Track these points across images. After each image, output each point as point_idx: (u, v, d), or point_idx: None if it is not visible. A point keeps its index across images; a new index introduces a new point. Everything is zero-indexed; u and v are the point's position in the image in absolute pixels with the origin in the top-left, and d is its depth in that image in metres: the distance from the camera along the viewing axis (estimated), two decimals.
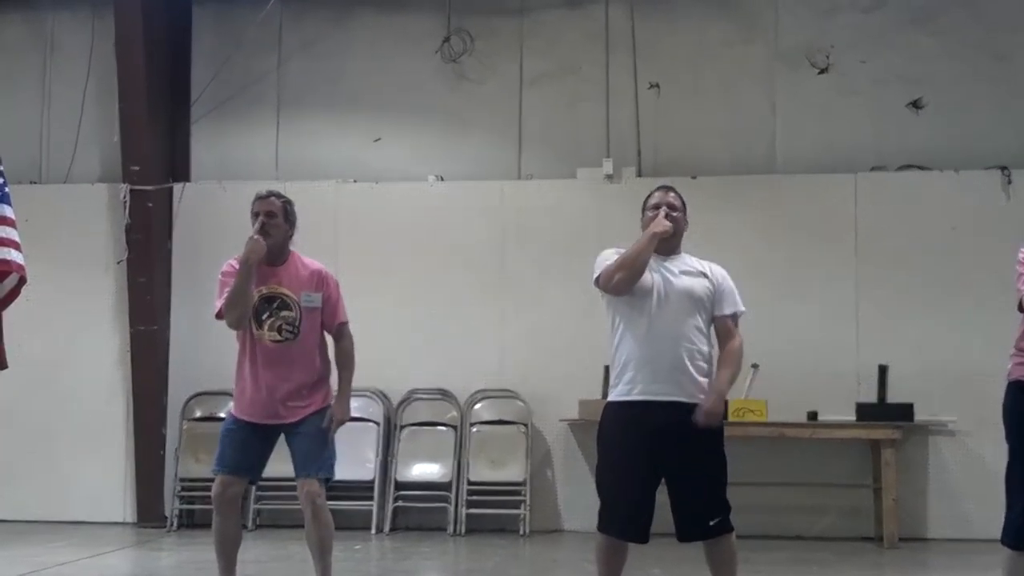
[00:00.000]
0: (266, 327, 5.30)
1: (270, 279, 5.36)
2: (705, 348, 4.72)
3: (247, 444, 5.38)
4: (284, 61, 9.68)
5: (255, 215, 5.36)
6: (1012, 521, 4.91)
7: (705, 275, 4.77)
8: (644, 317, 4.66)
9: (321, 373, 5.49)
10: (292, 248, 5.49)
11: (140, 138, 9.07)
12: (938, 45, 9.07)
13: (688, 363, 4.62)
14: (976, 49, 9.03)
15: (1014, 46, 9.02)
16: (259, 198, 5.41)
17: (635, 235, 4.78)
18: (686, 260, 4.84)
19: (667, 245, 4.76)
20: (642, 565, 5.01)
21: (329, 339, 5.58)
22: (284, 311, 5.32)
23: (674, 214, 4.79)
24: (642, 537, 4.62)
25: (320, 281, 5.46)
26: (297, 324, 5.34)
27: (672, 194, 4.88)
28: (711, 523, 4.61)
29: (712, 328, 4.79)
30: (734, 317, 4.78)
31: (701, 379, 4.65)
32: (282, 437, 5.47)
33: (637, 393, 4.63)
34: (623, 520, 4.61)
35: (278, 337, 5.30)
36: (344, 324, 5.55)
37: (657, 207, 4.80)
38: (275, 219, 5.36)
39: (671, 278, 4.70)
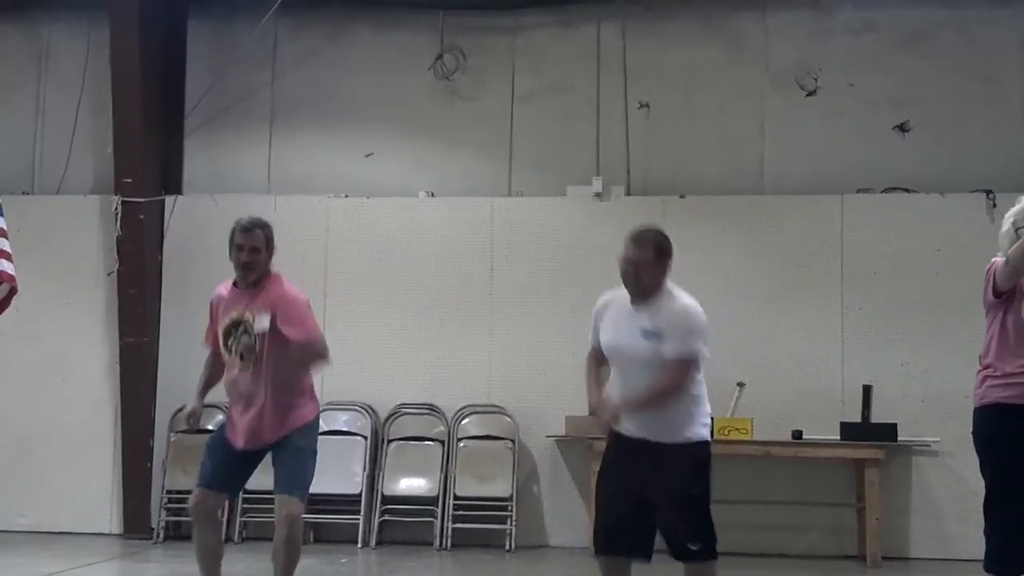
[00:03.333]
0: (232, 351, 5.29)
1: (239, 304, 5.31)
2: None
3: (228, 462, 5.39)
4: (278, 75, 9.73)
5: (238, 247, 5.29)
6: (993, 549, 4.92)
7: (659, 334, 4.69)
8: (616, 371, 4.87)
9: (295, 393, 5.36)
10: (274, 270, 5.42)
11: (133, 150, 9.09)
12: (928, 68, 9.16)
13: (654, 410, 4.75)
14: (965, 72, 9.12)
15: (1003, 70, 9.13)
16: (243, 230, 5.31)
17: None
18: (652, 314, 4.73)
19: (638, 294, 4.78)
20: None
21: None
22: (244, 336, 5.26)
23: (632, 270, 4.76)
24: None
25: (271, 304, 5.29)
26: (255, 348, 5.24)
27: (636, 248, 4.77)
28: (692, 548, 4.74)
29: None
30: (680, 359, 4.69)
31: (672, 420, 4.74)
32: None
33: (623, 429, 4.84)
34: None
35: (239, 362, 5.27)
36: (307, 342, 5.31)
37: (627, 262, 4.78)
38: (258, 255, 5.30)
39: (630, 341, 4.75)
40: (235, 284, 5.40)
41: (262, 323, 5.23)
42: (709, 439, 4.86)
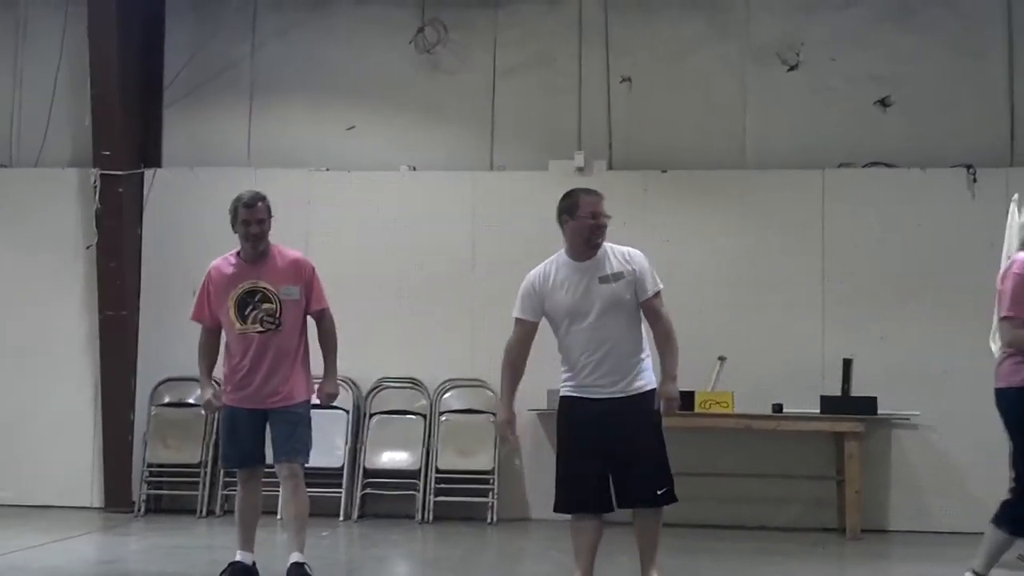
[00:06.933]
0: (249, 320, 5.63)
1: (251, 275, 5.67)
2: (636, 343, 5.13)
3: (243, 433, 5.72)
4: (258, 48, 9.65)
5: (245, 222, 5.62)
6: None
7: (622, 274, 5.07)
8: (566, 332, 5.27)
9: (303, 363, 5.84)
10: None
11: (112, 123, 9.01)
12: (911, 43, 9.15)
13: (618, 363, 5.10)
14: (950, 47, 9.12)
15: (989, 44, 9.12)
16: (247, 205, 5.65)
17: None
18: (604, 262, 5.17)
19: (585, 253, 5.19)
20: (608, 552, 5.08)
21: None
22: (265, 304, 5.64)
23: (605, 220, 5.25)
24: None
25: (297, 272, 5.77)
26: (277, 315, 5.66)
27: (604, 202, 5.24)
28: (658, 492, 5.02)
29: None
30: (657, 295, 5.12)
31: (634, 373, 5.08)
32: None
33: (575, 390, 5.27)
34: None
35: (260, 328, 5.63)
36: (324, 310, 5.92)
37: (595, 216, 5.18)
38: (263, 226, 5.68)
39: (591, 287, 5.12)
40: (238, 256, 5.73)
41: (290, 291, 5.69)
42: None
